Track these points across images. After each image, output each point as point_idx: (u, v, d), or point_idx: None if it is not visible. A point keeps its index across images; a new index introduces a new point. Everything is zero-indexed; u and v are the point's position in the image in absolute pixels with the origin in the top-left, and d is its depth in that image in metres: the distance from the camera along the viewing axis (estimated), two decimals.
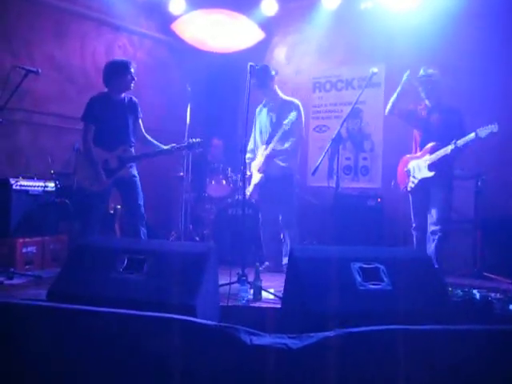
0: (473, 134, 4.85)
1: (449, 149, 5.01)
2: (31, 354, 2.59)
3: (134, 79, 5.11)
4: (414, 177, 5.34)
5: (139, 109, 5.27)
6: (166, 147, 5.17)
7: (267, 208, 5.87)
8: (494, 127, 4.74)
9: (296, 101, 5.81)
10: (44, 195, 5.70)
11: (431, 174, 5.17)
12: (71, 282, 3.23)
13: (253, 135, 5.96)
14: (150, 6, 7.64)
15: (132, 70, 5.09)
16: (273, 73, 5.73)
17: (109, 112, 5.03)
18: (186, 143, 5.19)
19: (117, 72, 5.05)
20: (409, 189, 5.39)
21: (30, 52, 6.47)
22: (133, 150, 5.14)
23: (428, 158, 5.22)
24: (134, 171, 5.17)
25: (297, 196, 5.92)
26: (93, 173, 4.95)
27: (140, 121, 5.28)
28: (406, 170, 5.45)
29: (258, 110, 5.97)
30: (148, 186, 5.40)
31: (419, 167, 5.30)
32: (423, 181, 5.26)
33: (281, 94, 5.87)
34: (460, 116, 5.27)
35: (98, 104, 5.04)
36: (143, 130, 5.31)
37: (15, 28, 6.34)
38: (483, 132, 4.78)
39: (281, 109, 5.72)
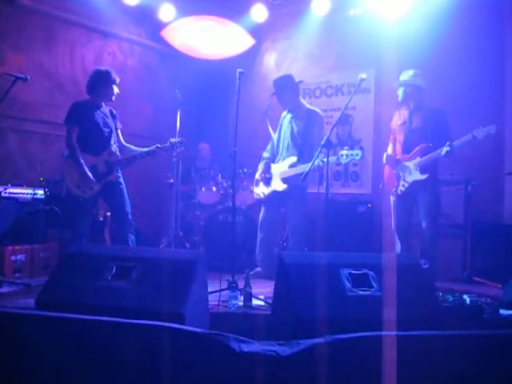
0: (469, 136, 4.79)
1: (444, 150, 4.88)
2: (19, 363, 2.57)
3: (115, 92, 5.18)
4: (404, 180, 5.23)
5: (118, 120, 5.37)
6: (149, 148, 5.23)
7: (271, 210, 5.83)
8: (491, 128, 4.69)
9: (319, 111, 5.81)
10: (33, 203, 5.65)
11: (424, 176, 5.08)
12: (59, 290, 3.21)
13: (275, 136, 5.97)
14: (139, 12, 7.63)
15: (116, 81, 5.15)
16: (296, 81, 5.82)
17: (92, 117, 5.07)
18: (168, 143, 5.24)
19: (101, 81, 5.10)
20: (399, 192, 5.26)
21: (18, 59, 6.45)
22: (118, 152, 5.18)
23: (419, 161, 5.13)
24: (121, 179, 5.18)
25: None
26: (81, 177, 4.95)
27: (119, 131, 5.37)
28: (395, 172, 5.33)
29: (283, 114, 5.97)
30: (138, 193, 5.40)
31: (410, 170, 5.19)
32: (414, 184, 5.16)
33: (304, 103, 5.90)
34: (444, 117, 5.20)
35: (82, 109, 5.06)
36: (122, 140, 5.39)
37: (3, 34, 6.32)
38: (480, 133, 4.71)
39: (307, 119, 5.71)
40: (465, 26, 6.27)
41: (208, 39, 7.98)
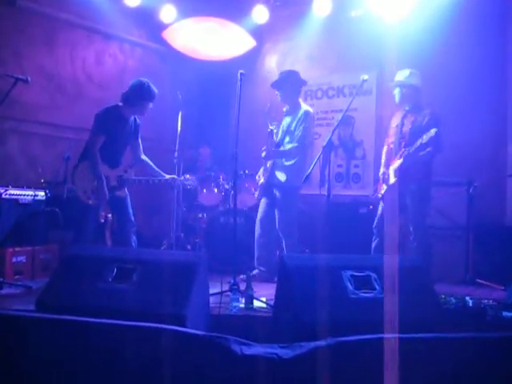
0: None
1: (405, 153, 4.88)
2: (18, 365, 2.56)
3: (150, 107, 5.14)
4: (386, 184, 5.17)
5: (140, 131, 5.29)
6: (165, 177, 5.24)
7: (264, 208, 5.79)
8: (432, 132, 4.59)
9: (310, 110, 5.77)
10: (34, 204, 5.62)
11: (393, 180, 5.02)
12: (60, 291, 3.20)
13: (276, 132, 5.92)
14: (140, 14, 7.61)
15: (154, 98, 5.12)
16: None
17: (118, 129, 4.98)
18: (182, 178, 5.37)
19: (139, 95, 4.99)
20: (379, 195, 5.25)
21: (19, 60, 6.42)
22: (133, 172, 5.11)
23: (396, 163, 5.02)
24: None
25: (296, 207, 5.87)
26: (92, 186, 4.86)
27: (139, 140, 5.29)
28: (381, 176, 5.33)
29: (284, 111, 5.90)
30: (139, 194, 5.36)
31: (389, 174, 5.13)
32: (390, 188, 5.07)
33: (301, 103, 5.84)
34: (433, 121, 4.90)
35: (111, 118, 4.95)
36: (141, 153, 5.30)
37: (4, 36, 6.29)
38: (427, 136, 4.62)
39: (299, 118, 5.69)
40: (466, 26, 6.25)
41: (209, 40, 7.96)
